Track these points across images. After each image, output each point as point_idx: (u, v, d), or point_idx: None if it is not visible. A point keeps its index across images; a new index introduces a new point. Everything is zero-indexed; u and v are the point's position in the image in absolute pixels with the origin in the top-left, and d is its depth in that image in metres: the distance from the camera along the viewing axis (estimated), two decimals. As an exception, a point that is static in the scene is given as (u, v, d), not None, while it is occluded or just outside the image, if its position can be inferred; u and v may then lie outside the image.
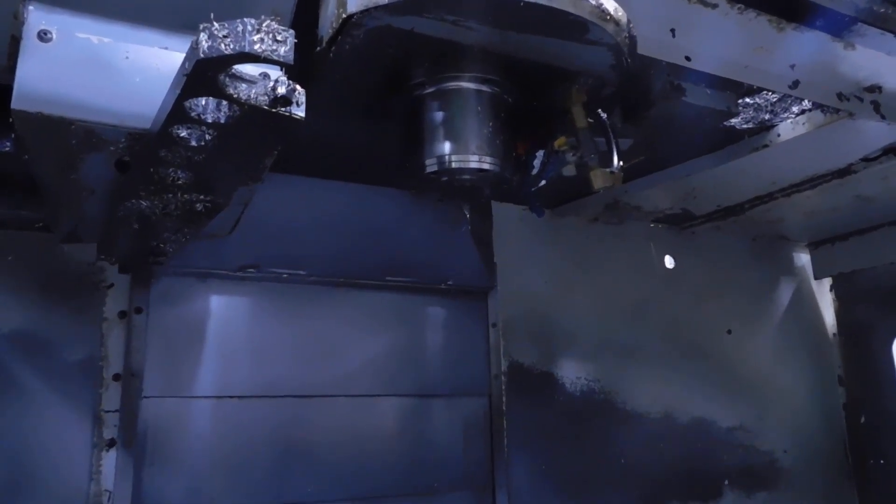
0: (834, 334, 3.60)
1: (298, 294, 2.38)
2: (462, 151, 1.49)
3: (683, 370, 3.11)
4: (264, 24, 0.85)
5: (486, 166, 1.49)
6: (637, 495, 2.86)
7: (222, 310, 2.28)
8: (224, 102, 1.02)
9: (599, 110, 1.70)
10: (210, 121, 1.02)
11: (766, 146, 2.20)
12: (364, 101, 1.62)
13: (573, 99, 1.57)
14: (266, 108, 0.99)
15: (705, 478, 3.07)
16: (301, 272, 2.33)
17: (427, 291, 2.58)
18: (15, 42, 1.24)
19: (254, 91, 0.98)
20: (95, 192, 1.48)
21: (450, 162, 1.50)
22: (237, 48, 0.84)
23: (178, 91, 0.95)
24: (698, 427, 3.10)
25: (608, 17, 1.35)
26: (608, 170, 1.58)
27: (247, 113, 1.01)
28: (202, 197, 1.36)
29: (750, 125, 2.17)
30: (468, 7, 1.27)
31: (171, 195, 1.36)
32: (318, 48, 1.40)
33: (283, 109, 1.01)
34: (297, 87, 1.02)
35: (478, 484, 2.53)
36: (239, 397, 2.26)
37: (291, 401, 2.33)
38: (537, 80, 1.55)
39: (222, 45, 0.84)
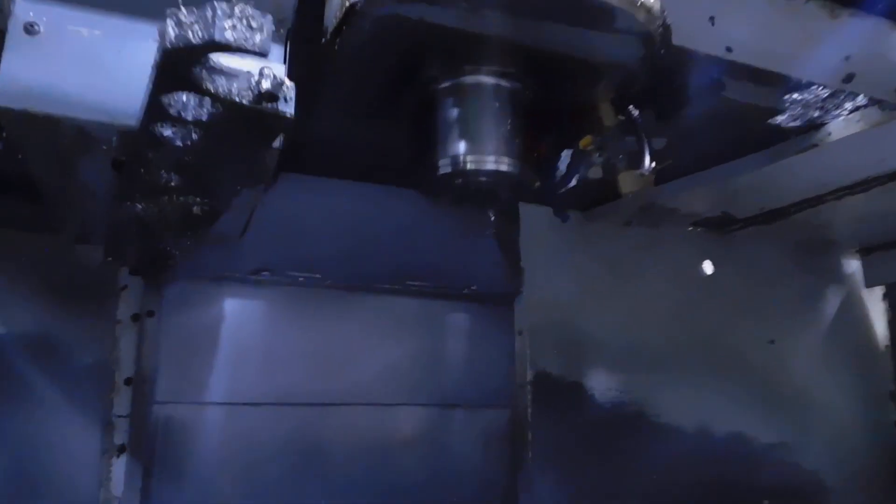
0: (886, 346, 3.38)
1: (314, 298, 2.30)
2: (478, 151, 1.38)
3: (721, 382, 2.93)
4: (237, 9, 0.75)
5: (503, 168, 1.37)
6: (670, 515, 2.72)
7: (235, 314, 2.21)
8: (206, 99, 0.93)
9: (630, 107, 1.56)
10: (190, 119, 0.93)
11: (815, 146, 2.02)
12: (374, 98, 1.52)
13: (600, 95, 1.44)
14: (249, 105, 0.89)
15: (742, 497, 2.90)
16: (317, 276, 2.25)
17: (449, 297, 2.47)
18: (0, 36, 1.17)
19: (235, 86, 0.89)
20: (95, 194, 1.41)
21: (465, 163, 1.38)
22: (206, 36, 0.74)
23: (151, 86, 0.86)
24: (736, 443, 2.93)
25: (638, 3, 1.22)
26: (637, 172, 1.45)
27: (230, 111, 0.91)
28: (198, 200, 1.28)
29: (797, 123, 2.00)
30: (481, -7, 1.15)
31: (165, 198, 1.28)
32: (323, 41, 1.31)
33: (268, 106, 0.91)
34: (286, 81, 0.92)
35: (499, 500, 2.42)
36: (251, 404, 2.19)
37: (305, 409, 2.25)
38: (560, 74, 1.43)
39: (190, 34, 0.75)
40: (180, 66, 0.81)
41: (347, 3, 1.18)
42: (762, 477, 2.93)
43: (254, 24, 0.76)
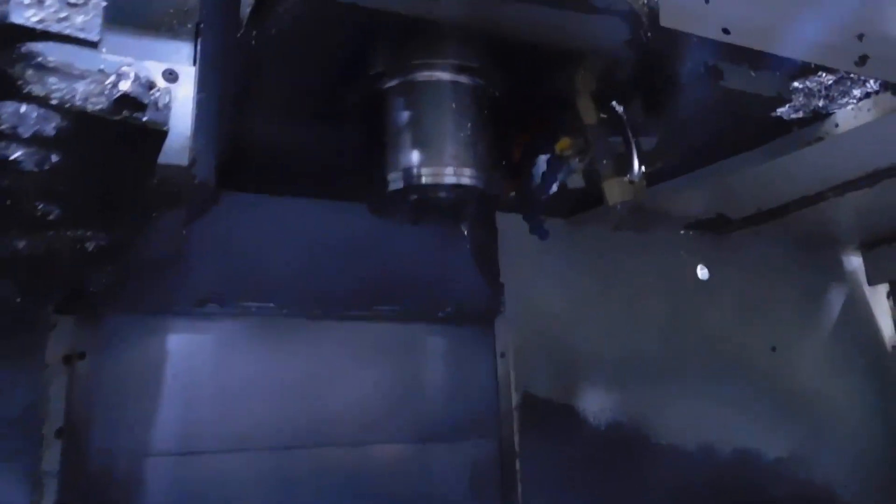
0: (893, 346, 3.26)
1: (270, 330, 2.06)
2: (434, 163, 1.14)
3: (723, 394, 2.77)
4: (45, -23, 0.52)
5: (465, 181, 1.14)
6: (674, 543, 2.53)
7: (181, 352, 1.97)
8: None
9: (614, 102, 1.34)
10: (28, 136, 0.69)
11: (820, 139, 1.82)
12: (310, 100, 1.28)
13: (579, 87, 1.21)
14: (103, 115, 0.66)
15: (752, 518, 2.73)
16: (271, 304, 2.02)
17: (422, 320, 2.25)
18: None
19: (81, 89, 0.65)
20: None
21: (419, 176, 1.15)
22: (-4, 17, 0.51)
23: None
24: (742, 459, 2.76)
25: (620, -25, 1.00)
26: (626, 178, 1.22)
27: (79, 123, 0.68)
28: (89, 234, 1.04)
29: (800, 114, 1.79)
30: (425, -34, 0.92)
31: (51, 233, 1.04)
32: (239, 34, 1.07)
33: (133, 116, 0.68)
34: (156, 82, 0.69)
35: (488, 541, 2.20)
36: (205, 452, 1.95)
37: (267, 454, 2.02)
38: (531, 65, 1.20)
39: (-24, 15, 0.51)
40: (-14, 65, 0.57)
41: (259, -15, 0.94)
42: (772, 494, 2.78)
43: (73, 0, 0.53)
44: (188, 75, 1.10)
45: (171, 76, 1.08)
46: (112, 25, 1.11)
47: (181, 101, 1.08)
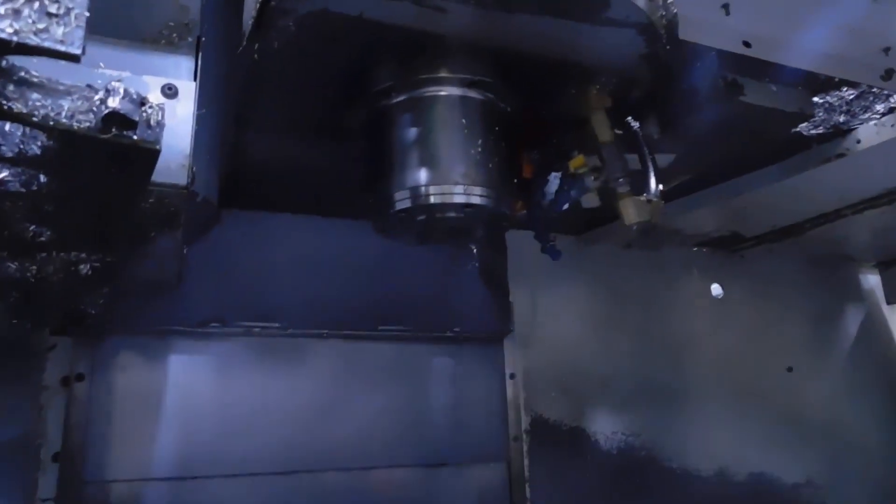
0: None
1: (274, 351, 2.00)
2: (442, 181, 1.09)
3: (738, 417, 2.69)
4: (20, -16, 0.47)
5: (474, 200, 1.09)
6: (689, 572, 2.45)
7: (182, 373, 1.91)
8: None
9: (629, 118, 1.29)
10: (11, 155, 0.65)
11: (841, 155, 1.76)
12: (313, 116, 1.24)
13: (593, 104, 1.16)
14: (91, 134, 0.61)
15: (769, 546, 2.64)
16: (275, 325, 1.96)
17: (429, 341, 2.19)
18: None
19: (67, 106, 0.61)
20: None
21: (426, 195, 1.10)
22: (-33, 28, 0.46)
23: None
24: (758, 484, 2.68)
25: (637, -14, 0.95)
26: (643, 197, 1.16)
27: (66, 142, 0.63)
28: (83, 256, 0.99)
29: (820, 130, 1.74)
30: (433, -23, 0.88)
31: (43, 255, 1.00)
32: (240, 48, 1.03)
33: (123, 135, 0.63)
34: (147, 98, 0.64)
35: (497, 571, 2.13)
36: (205, 477, 1.89)
37: (270, 479, 1.95)
38: (543, 79, 1.15)
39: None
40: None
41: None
42: (789, 520, 2.68)
43: (53, 9, 0.48)
44: (188, 91, 1.05)
45: (170, 91, 1.04)
46: (110, 39, 1.08)
47: (180, 118, 1.04)
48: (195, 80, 1.08)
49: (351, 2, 0.93)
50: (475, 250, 2.24)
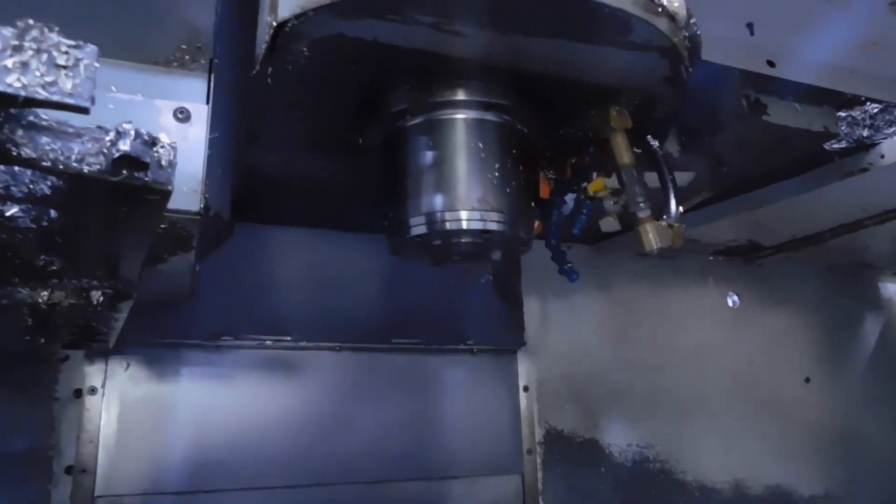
0: None
1: (286, 363, 1.99)
2: (459, 207, 1.06)
3: (754, 428, 2.66)
4: (29, 36, 0.46)
5: (492, 226, 1.06)
6: (706, 588, 2.42)
7: (194, 386, 1.91)
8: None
9: (649, 136, 1.26)
10: (21, 196, 0.63)
11: (864, 170, 1.72)
12: (328, 136, 1.22)
13: (612, 125, 1.13)
14: (101, 176, 0.60)
15: (787, 560, 2.60)
16: (287, 338, 1.95)
17: (442, 353, 2.17)
18: None
19: (77, 149, 0.59)
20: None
21: (442, 221, 1.07)
22: (-26, 84, 0.45)
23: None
24: (775, 497, 2.63)
25: (660, 10, 0.92)
26: (664, 222, 1.13)
27: (76, 184, 0.62)
28: (95, 283, 0.98)
29: (843, 144, 1.69)
30: (451, 4, 0.85)
31: (55, 281, 0.98)
32: (253, 71, 1.01)
33: (134, 176, 0.61)
34: (160, 139, 0.63)
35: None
36: (217, 491, 1.88)
37: (282, 492, 1.94)
38: (562, 102, 1.12)
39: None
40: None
41: (275, 23, 0.88)
42: (806, 534, 2.65)
43: (62, 60, 0.46)
44: (201, 114, 1.04)
45: (182, 115, 1.02)
46: (122, 62, 1.06)
47: (193, 142, 1.03)
48: (207, 102, 1.06)
49: (365, 26, 0.90)
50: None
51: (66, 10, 1.05)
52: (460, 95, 1.09)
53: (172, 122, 1.02)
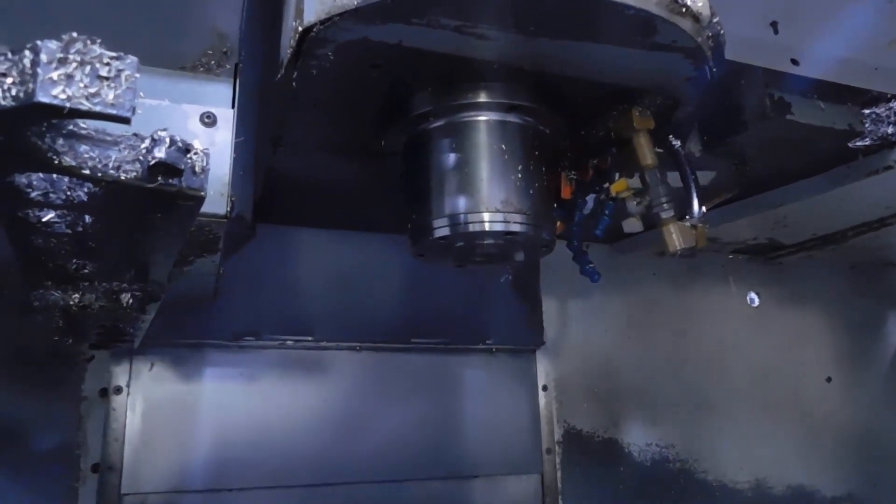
0: None
1: (307, 363, 2.01)
2: (482, 208, 1.07)
3: (775, 429, 2.65)
4: (74, 48, 0.47)
5: (515, 228, 1.07)
6: (726, 590, 2.41)
7: (217, 386, 1.93)
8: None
9: (671, 136, 1.25)
10: (60, 202, 0.65)
11: (889, 168, 1.70)
12: (352, 139, 1.23)
13: (635, 126, 1.13)
14: (137, 183, 0.61)
15: (808, 561, 2.58)
16: (308, 338, 1.97)
17: (462, 353, 2.18)
18: None
19: (114, 157, 0.60)
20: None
21: (466, 223, 1.08)
22: (22, 95, 0.46)
23: (-15, 164, 0.58)
24: (797, 498, 2.62)
25: (684, 10, 0.92)
26: (687, 222, 1.13)
27: (113, 191, 0.63)
28: (125, 286, 1.00)
29: (866, 142, 1.67)
30: (475, 7, 0.86)
31: (86, 284, 1.00)
32: (278, 76, 1.02)
33: (169, 182, 0.63)
34: (193, 145, 0.64)
35: (530, 586, 2.11)
36: (240, 489, 1.90)
37: (304, 491, 1.96)
38: (585, 103, 1.13)
39: (1, 92, 0.46)
40: (13, 138, 0.53)
41: (300, 28, 0.89)
42: (829, 536, 2.63)
43: (104, 72, 0.48)
44: (227, 118, 1.05)
45: (209, 120, 1.04)
46: (149, 67, 1.08)
47: (219, 146, 1.04)
48: (233, 107, 1.07)
49: (390, 31, 0.91)
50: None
51: (95, 18, 1.07)
52: (483, 97, 1.09)
53: (199, 127, 1.03)
